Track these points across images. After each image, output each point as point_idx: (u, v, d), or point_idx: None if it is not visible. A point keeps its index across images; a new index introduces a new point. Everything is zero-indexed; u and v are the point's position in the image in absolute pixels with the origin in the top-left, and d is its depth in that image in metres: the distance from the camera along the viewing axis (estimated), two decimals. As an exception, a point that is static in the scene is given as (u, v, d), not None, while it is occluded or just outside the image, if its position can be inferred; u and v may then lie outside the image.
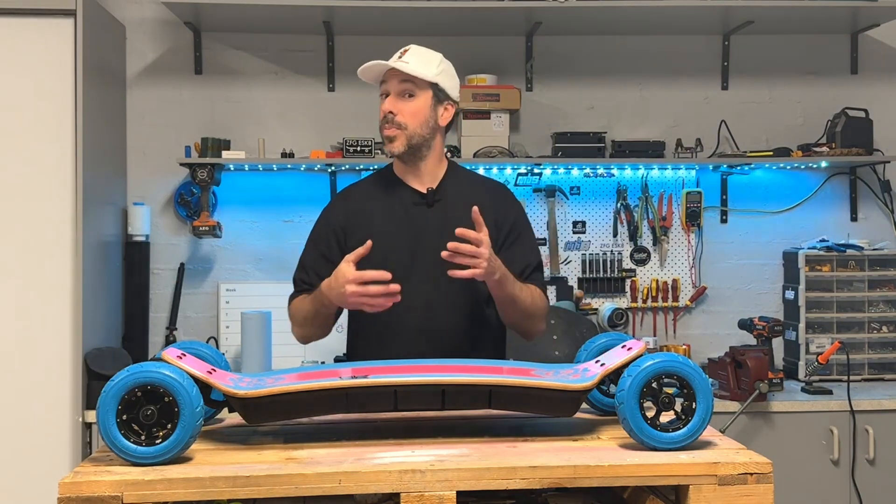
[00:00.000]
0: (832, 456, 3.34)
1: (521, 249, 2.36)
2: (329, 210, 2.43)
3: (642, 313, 3.98)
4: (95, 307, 3.38)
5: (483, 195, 2.36)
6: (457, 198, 2.34)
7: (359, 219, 2.34)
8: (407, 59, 2.28)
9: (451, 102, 2.35)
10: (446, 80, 2.33)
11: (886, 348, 3.81)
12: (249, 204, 3.89)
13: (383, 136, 2.32)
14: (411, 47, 2.32)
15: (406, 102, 2.29)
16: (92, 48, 3.35)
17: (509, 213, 2.38)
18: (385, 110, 2.29)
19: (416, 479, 1.53)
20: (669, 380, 1.67)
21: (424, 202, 2.34)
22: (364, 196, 2.40)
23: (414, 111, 2.29)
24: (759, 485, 1.57)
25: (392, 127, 2.28)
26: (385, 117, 2.29)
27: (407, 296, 2.23)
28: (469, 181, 2.43)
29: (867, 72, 4.05)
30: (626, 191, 3.95)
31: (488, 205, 2.31)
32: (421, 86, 2.29)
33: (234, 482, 1.51)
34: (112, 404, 1.56)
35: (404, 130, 2.28)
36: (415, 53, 2.30)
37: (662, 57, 4.01)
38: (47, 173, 3.26)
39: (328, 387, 1.72)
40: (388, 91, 2.31)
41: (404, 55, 2.30)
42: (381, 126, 2.31)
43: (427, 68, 2.29)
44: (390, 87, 2.30)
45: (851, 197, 4.03)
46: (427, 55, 2.32)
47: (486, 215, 2.28)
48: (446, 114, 2.34)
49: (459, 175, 2.42)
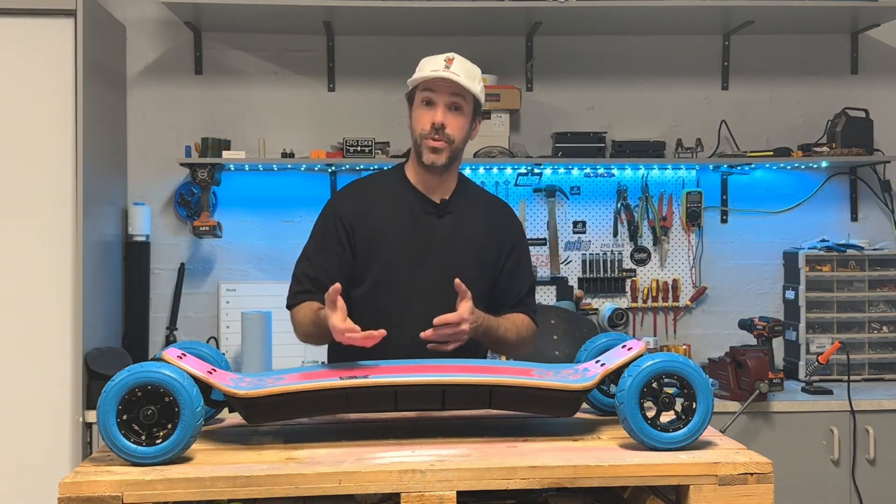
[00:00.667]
0: (832, 456, 3.34)
1: (520, 273, 2.38)
2: (336, 202, 2.39)
3: (642, 313, 3.98)
4: (95, 307, 3.38)
5: (489, 213, 2.39)
6: (466, 212, 2.34)
7: (367, 216, 2.31)
8: (456, 69, 2.23)
9: (481, 118, 2.36)
10: (482, 95, 2.32)
11: (886, 348, 3.81)
12: (249, 204, 3.88)
13: (427, 146, 2.25)
14: (455, 57, 2.26)
15: (454, 116, 2.25)
16: (92, 48, 3.35)
17: (512, 235, 2.39)
18: (438, 122, 2.23)
19: (417, 479, 1.53)
20: (670, 380, 1.68)
21: (435, 212, 2.32)
22: (373, 194, 2.37)
23: (461, 125, 2.27)
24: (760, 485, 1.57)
25: (441, 139, 2.24)
26: (434, 127, 2.24)
27: (410, 303, 2.24)
28: (477, 197, 2.42)
29: (867, 72, 4.05)
30: (627, 191, 3.95)
31: (493, 223, 2.37)
32: (468, 100, 2.27)
33: (234, 482, 1.51)
34: (112, 404, 1.56)
35: (450, 144, 2.26)
36: (461, 64, 2.25)
37: (662, 57, 4.01)
38: (47, 173, 3.26)
39: (328, 387, 1.72)
40: (433, 100, 2.25)
41: (451, 65, 2.24)
42: (426, 135, 2.25)
43: (474, 84, 2.26)
44: (439, 97, 2.24)
45: (852, 197, 4.03)
46: (472, 70, 2.28)
47: (490, 233, 2.34)
48: (476, 130, 2.35)
49: (469, 189, 2.41)
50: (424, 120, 2.25)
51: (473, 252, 2.31)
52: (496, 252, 2.34)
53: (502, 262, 2.35)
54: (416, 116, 2.28)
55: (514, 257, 2.37)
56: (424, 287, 2.26)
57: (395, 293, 2.27)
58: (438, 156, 2.25)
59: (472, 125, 2.32)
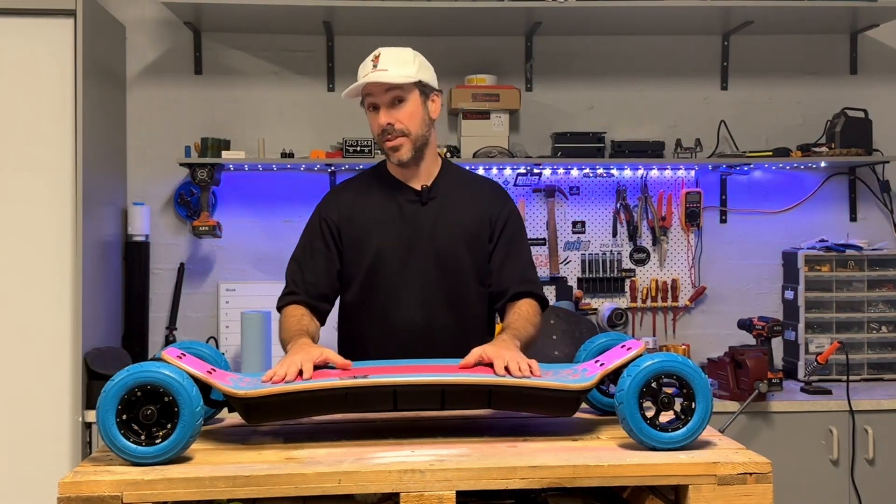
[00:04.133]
0: (831, 456, 3.34)
1: (515, 250, 2.36)
2: (322, 206, 2.42)
3: (642, 313, 3.99)
4: (95, 307, 3.38)
5: (476, 193, 2.39)
6: (451, 196, 2.35)
7: (352, 215, 2.34)
8: (383, 64, 2.24)
9: (436, 93, 2.34)
10: (425, 73, 2.30)
11: (886, 348, 3.81)
12: (249, 204, 3.89)
13: (386, 148, 2.28)
14: (381, 52, 2.27)
15: (399, 109, 2.26)
16: (92, 48, 3.35)
17: (502, 212, 2.38)
18: (382, 124, 2.25)
19: (416, 478, 1.53)
20: (669, 380, 1.68)
21: (419, 200, 2.34)
22: (357, 193, 2.40)
23: (410, 114, 2.27)
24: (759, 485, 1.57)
25: (395, 136, 2.26)
26: (384, 130, 2.26)
27: (403, 291, 2.26)
28: (463, 179, 2.43)
29: (867, 72, 4.05)
30: (626, 191, 3.95)
31: (482, 202, 2.37)
32: (407, 88, 2.26)
33: (234, 482, 1.51)
34: (112, 404, 1.56)
35: (408, 136, 2.27)
36: (388, 57, 2.26)
37: (662, 57, 4.02)
38: (47, 173, 3.26)
39: (328, 387, 1.72)
40: (375, 103, 2.27)
41: (378, 62, 2.25)
42: (381, 139, 2.28)
43: (406, 69, 2.26)
44: (378, 99, 2.26)
45: (851, 197, 4.03)
46: (400, 55, 2.28)
47: (480, 213, 2.35)
48: (434, 105, 2.34)
49: (453, 173, 2.42)
50: (375, 125, 2.28)
51: (461, 234, 2.32)
52: (487, 230, 2.33)
53: (495, 239, 2.34)
54: (370, 123, 2.32)
55: (506, 234, 2.35)
56: (416, 274, 2.28)
57: (388, 283, 2.29)
58: (400, 152, 2.27)
59: (427, 104, 2.31)
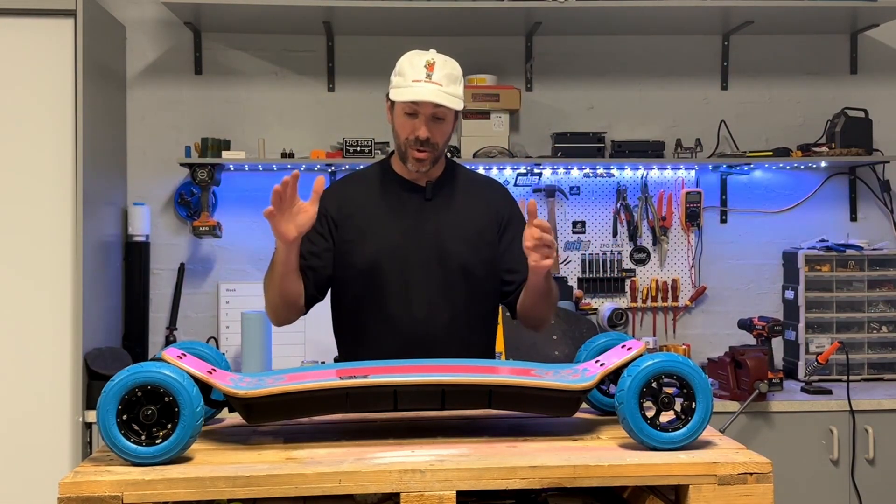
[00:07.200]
0: (832, 456, 3.34)
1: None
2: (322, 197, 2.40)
3: (642, 313, 3.99)
4: (95, 307, 3.38)
5: (480, 191, 2.40)
6: (454, 193, 2.36)
7: (353, 207, 2.33)
8: (437, 77, 2.20)
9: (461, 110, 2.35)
10: (464, 93, 2.31)
11: (886, 348, 3.81)
12: (249, 204, 3.88)
13: (412, 156, 2.26)
14: (435, 60, 2.22)
15: (438, 126, 2.25)
16: (92, 48, 3.35)
17: (506, 209, 2.40)
18: (422, 137, 2.23)
19: (416, 478, 1.53)
20: (669, 380, 1.67)
21: (423, 195, 2.34)
22: (360, 186, 2.39)
23: (445, 133, 2.27)
24: (759, 484, 1.57)
25: (426, 150, 2.25)
26: (417, 139, 2.24)
27: (406, 286, 2.26)
28: (466, 178, 2.44)
29: (867, 72, 4.05)
30: (626, 191, 3.95)
31: (486, 201, 2.38)
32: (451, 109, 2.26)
33: (234, 482, 1.51)
34: (112, 404, 1.56)
35: (436, 152, 2.28)
36: (443, 71, 2.21)
37: (662, 57, 4.02)
38: (47, 173, 3.26)
39: (328, 387, 1.72)
40: (416, 111, 2.23)
41: (432, 72, 2.20)
42: (409, 146, 2.26)
43: (457, 88, 2.24)
44: (421, 109, 2.23)
45: (851, 197, 4.03)
46: (453, 70, 2.25)
47: (484, 211, 2.35)
48: (458, 121, 2.35)
49: (457, 172, 2.43)
50: (408, 129, 2.26)
51: (466, 231, 2.31)
52: (495, 227, 2.34)
53: (501, 234, 2.35)
54: (398, 123, 2.28)
55: (512, 230, 2.35)
56: (419, 269, 2.28)
57: (391, 277, 2.28)
58: (424, 164, 2.28)
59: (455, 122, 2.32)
